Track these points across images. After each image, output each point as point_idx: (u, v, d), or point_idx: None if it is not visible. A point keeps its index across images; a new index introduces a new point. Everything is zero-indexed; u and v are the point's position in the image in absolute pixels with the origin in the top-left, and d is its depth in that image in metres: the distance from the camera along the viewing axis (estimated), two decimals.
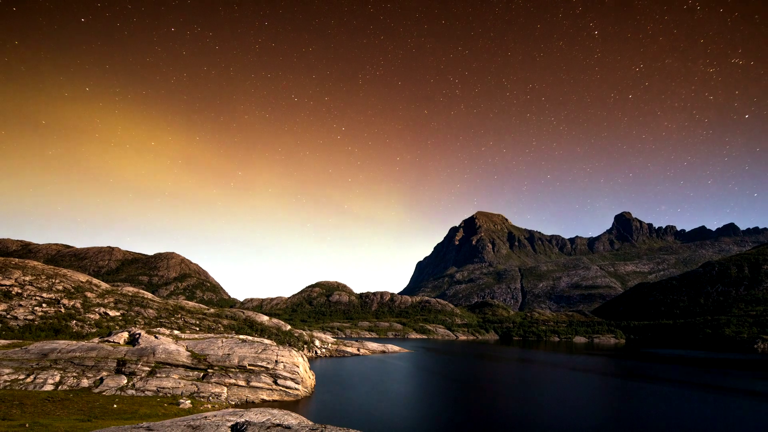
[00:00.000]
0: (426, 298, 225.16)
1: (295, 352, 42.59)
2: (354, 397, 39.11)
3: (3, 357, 32.38)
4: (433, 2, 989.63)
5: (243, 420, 12.77)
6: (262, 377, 37.16)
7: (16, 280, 58.74)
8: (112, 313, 59.84)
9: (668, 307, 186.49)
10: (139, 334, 41.61)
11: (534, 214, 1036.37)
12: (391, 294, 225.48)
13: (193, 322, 69.29)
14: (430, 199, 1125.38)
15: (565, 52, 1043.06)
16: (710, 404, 39.99)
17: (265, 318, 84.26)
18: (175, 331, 47.77)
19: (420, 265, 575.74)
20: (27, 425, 18.71)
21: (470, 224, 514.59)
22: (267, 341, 44.55)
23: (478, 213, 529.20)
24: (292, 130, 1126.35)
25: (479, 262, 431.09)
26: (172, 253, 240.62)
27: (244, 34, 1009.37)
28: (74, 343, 37.27)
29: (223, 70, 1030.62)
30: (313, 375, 44.07)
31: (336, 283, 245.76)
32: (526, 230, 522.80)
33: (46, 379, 30.53)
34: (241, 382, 35.96)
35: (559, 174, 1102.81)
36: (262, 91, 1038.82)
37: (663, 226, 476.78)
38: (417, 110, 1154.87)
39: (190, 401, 30.15)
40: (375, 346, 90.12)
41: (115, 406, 26.58)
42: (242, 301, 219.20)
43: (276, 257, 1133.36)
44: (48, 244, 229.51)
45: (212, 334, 48.39)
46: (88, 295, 64.05)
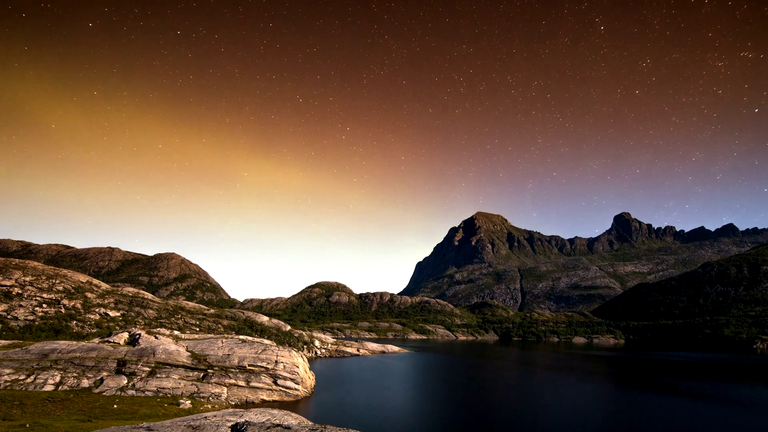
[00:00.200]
0: (425, 299, 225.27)
1: (294, 353, 42.68)
2: (354, 398, 39.21)
3: (3, 357, 32.46)
4: (437, 1, 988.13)
5: (243, 420, 12.87)
6: (262, 377, 37.25)
7: (17, 280, 58.80)
8: (113, 314, 59.91)
9: (667, 307, 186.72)
10: (140, 334, 41.68)
11: (535, 214, 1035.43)
12: (391, 294, 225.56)
13: (193, 322, 69.37)
14: (432, 199, 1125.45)
15: (570, 49, 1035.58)
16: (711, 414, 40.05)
17: (265, 318, 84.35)
18: (175, 332, 47.85)
19: (420, 266, 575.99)
20: (27, 425, 18.80)
21: (470, 225, 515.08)
22: (267, 342, 44.64)
23: (478, 213, 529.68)
24: (298, 131, 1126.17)
25: (479, 263, 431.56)
26: (173, 254, 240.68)
27: (249, 36, 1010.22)
28: (74, 343, 37.35)
29: (228, 72, 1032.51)
30: (313, 375, 44.16)
31: (336, 283, 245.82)
32: (526, 231, 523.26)
33: (47, 380, 30.61)
34: (241, 383, 36.05)
35: (565, 171, 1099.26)
36: (268, 93, 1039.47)
37: (662, 227, 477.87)
38: (422, 109, 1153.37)
39: (190, 401, 30.24)
40: (375, 346, 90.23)
41: (116, 407, 26.67)
42: (242, 301, 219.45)
43: (276, 258, 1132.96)
44: (48, 244, 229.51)
45: (212, 335, 48.48)
46: (89, 295, 64.12)
